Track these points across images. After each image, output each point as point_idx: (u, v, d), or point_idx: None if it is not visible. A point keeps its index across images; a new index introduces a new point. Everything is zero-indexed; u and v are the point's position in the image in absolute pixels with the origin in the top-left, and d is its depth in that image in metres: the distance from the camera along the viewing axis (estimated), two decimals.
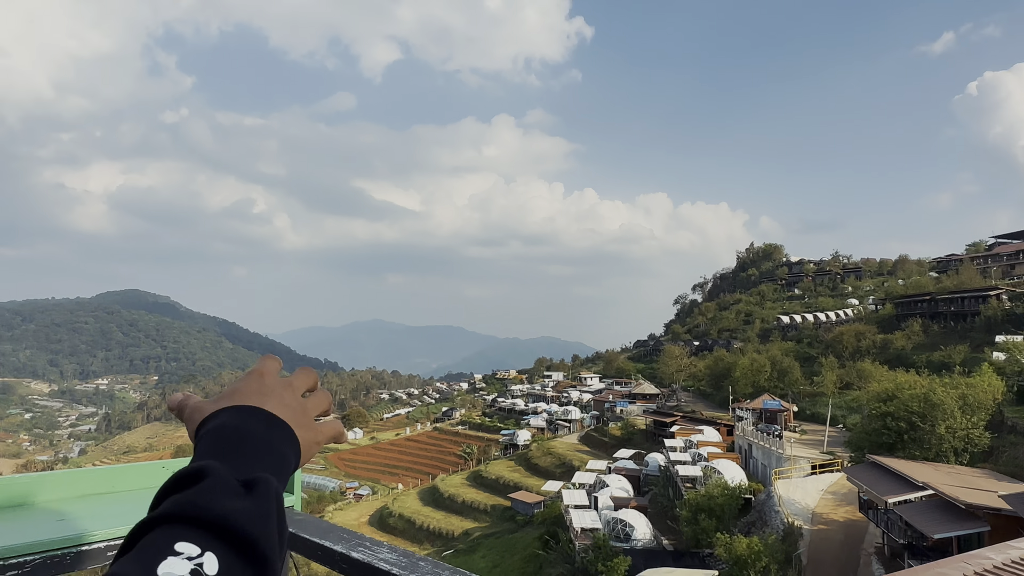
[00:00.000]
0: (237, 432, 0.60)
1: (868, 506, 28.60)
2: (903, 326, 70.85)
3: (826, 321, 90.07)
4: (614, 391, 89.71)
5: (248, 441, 0.60)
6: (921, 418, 33.25)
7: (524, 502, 52.33)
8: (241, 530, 0.55)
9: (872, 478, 27.48)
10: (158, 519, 0.56)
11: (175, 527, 0.55)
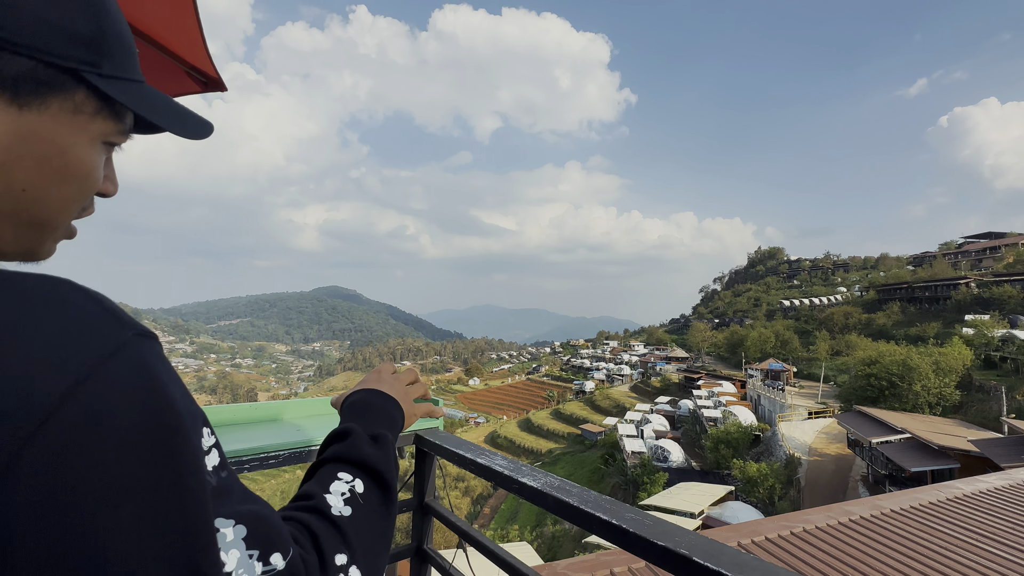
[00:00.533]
0: (365, 403, 0.71)
1: (855, 444, 25.96)
2: (884, 308, 63.37)
3: (819, 304, 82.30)
4: (654, 355, 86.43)
5: (371, 409, 0.70)
6: (900, 379, 29.67)
7: (590, 431, 51.65)
8: (374, 466, 0.59)
9: (858, 423, 24.88)
10: (326, 460, 0.60)
11: (337, 464, 0.59)
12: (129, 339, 0.32)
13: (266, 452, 1.48)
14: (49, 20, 0.35)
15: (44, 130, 0.37)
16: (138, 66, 0.43)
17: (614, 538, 0.96)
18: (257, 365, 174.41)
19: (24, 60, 0.35)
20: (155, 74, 1.60)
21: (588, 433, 51.94)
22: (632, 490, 30.56)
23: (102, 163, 0.42)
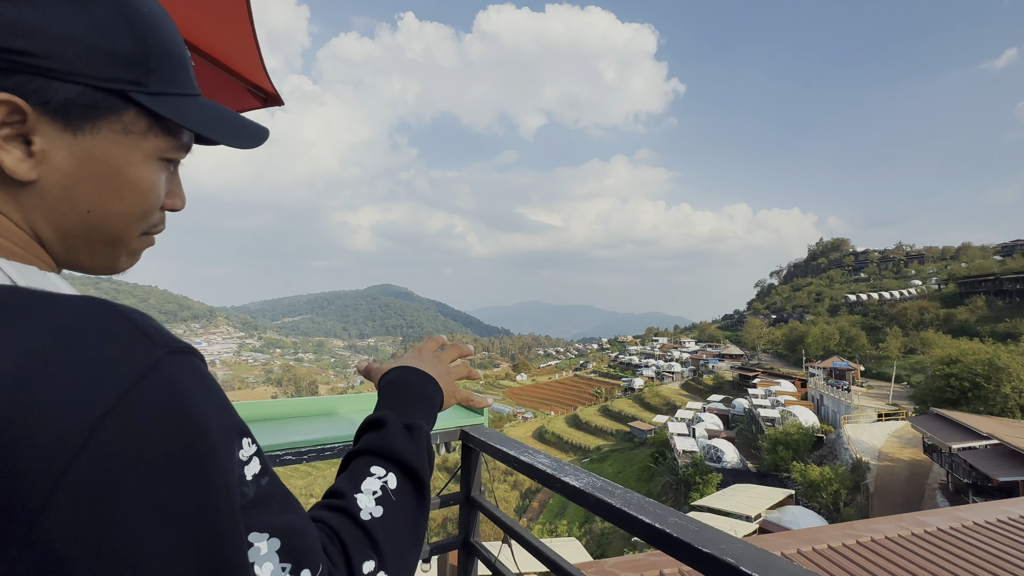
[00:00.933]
0: (403, 384, 0.67)
1: (932, 450, 23.84)
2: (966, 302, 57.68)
3: (890, 299, 75.94)
4: (706, 352, 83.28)
5: (408, 390, 0.66)
6: (985, 379, 26.82)
7: (640, 429, 50.59)
8: (408, 462, 0.57)
9: (936, 427, 22.83)
10: (359, 452, 0.59)
11: (370, 457, 0.57)
12: (160, 359, 0.33)
13: (322, 444, 1.57)
14: (93, 44, 0.36)
15: (98, 152, 0.38)
16: (191, 78, 0.44)
17: (658, 542, 0.94)
18: (317, 359, 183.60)
19: (72, 86, 0.36)
20: (218, 92, 1.72)
21: (637, 431, 50.89)
22: (684, 490, 29.65)
23: (161, 179, 0.43)
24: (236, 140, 0.45)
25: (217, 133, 0.44)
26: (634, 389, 72.19)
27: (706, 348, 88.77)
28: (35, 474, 0.27)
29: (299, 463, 1.55)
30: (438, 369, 0.73)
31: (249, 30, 1.31)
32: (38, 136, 0.36)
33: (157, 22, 0.41)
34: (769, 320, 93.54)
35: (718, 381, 61.66)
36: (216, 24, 1.40)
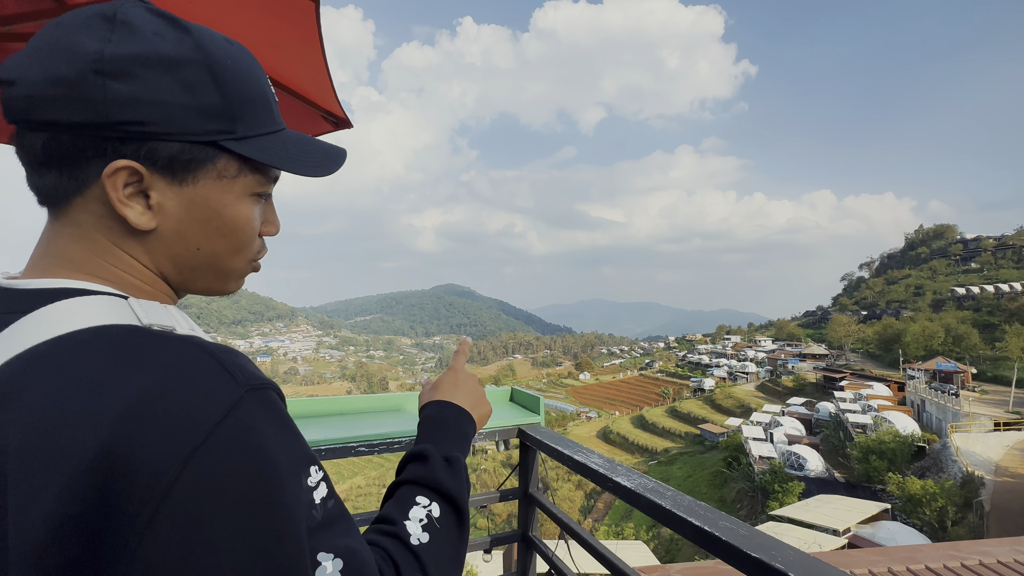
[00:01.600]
0: (440, 419, 0.74)
1: None
2: None
3: (1009, 291, 66.43)
4: (785, 351, 77.63)
5: (446, 425, 0.73)
6: None
7: (711, 432, 48.28)
8: (449, 492, 0.62)
9: None
10: (405, 481, 0.63)
11: (416, 487, 0.62)
12: (241, 397, 0.38)
13: (392, 438, 1.70)
14: (185, 104, 0.42)
15: (200, 198, 0.45)
16: (274, 114, 0.49)
17: (707, 545, 0.96)
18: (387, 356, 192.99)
19: (174, 144, 0.42)
20: (295, 119, 1.92)
21: (708, 433, 48.60)
22: (760, 498, 27.92)
23: (256, 212, 0.50)
24: (315, 169, 0.50)
25: (298, 166, 0.49)
26: (704, 390, 69.00)
27: (785, 347, 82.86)
28: (141, 496, 0.33)
29: (371, 454, 1.70)
30: (471, 397, 0.79)
31: (322, 63, 1.46)
32: (154, 191, 0.43)
33: (240, 70, 0.46)
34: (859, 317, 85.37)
35: (799, 383, 57.38)
36: (293, 59, 1.57)
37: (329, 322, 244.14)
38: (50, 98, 0.39)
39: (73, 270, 0.44)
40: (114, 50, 0.40)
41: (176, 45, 0.42)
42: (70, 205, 0.43)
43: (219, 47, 0.45)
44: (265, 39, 1.52)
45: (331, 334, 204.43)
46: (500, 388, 2.32)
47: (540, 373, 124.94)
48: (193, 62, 0.43)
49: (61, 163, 0.41)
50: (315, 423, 1.82)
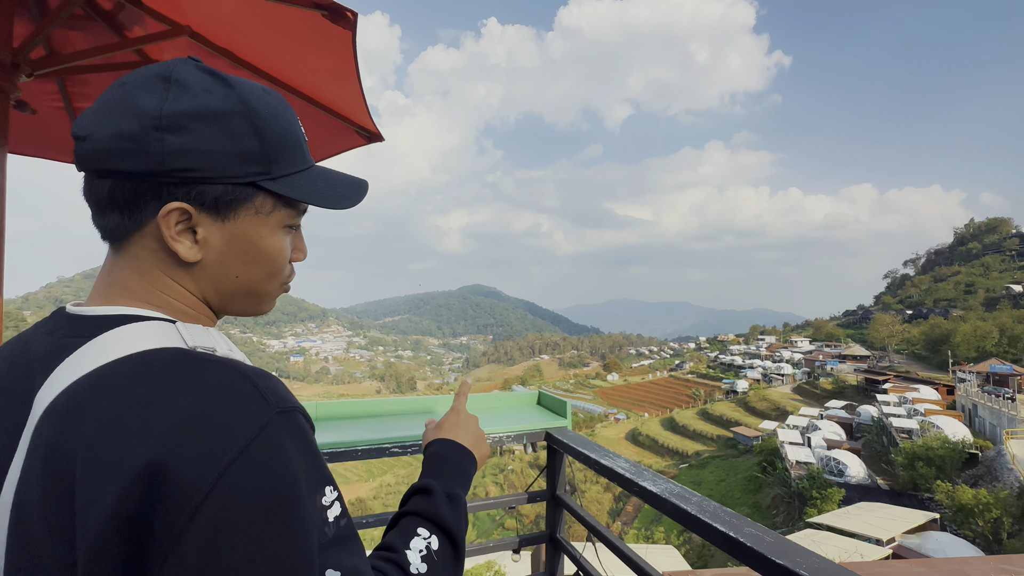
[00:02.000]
0: (444, 458, 0.77)
1: None
2: None
3: None
4: (824, 352, 74.79)
5: (449, 464, 0.76)
6: None
7: (744, 435, 46.99)
8: (449, 527, 0.65)
9: None
10: (409, 512, 0.67)
11: (418, 519, 0.65)
12: (271, 420, 0.43)
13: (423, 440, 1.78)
14: (229, 151, 0.49)
15: (239, 232, 0.52)
16: (304, 154, 0.56)
17: (732, 550, 0.98)
18: (415, 356, 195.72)
19: (219, 187, 0.50)
20: (332, 134, 2.02)
21: (741, 437, 47.34)
22: (798, 504, 27.03)
23: (287, 243, 0.58)
24: (339, 202, 0.57)
25: (325, 200, 0.56)
26: (737, 392, 67.24)
27: (823, 348, 79.88)
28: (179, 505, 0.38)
29: (404, 455, 1.78)
30: (472, 437, 0.84)
31: (356, 83, 1.54)
32: (200, 227, 0.50)
33: (276, 117, 0.53)
34: (903, 316, 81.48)
35: (839, 385, 55.22)
36: (330, 81, 1.67)
37: (359, 323, 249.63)
38: (116, 151, 0.47)
39: (131, 298, 0.51)
40: (170, 107, 0.47)
41: (222, 99, 0.49)
42: (129, 241, 0.50)
43: (258, 98, 0.52)
44: (306, 64, 1.62)
45: (361, 334, 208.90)
46: (528, 391, 2.37)
47: (567, 374, 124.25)
48: (236, 113, 0.49)
49: (123, 205, 0.49)
50: (351, 424, 1.91)
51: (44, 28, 1.33)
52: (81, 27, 1.70)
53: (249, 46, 1.65)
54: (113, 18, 1.68)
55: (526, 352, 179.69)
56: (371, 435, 1.75)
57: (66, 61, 1.50)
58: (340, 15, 1.21)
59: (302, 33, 1.41)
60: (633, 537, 30.85)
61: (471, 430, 0.86)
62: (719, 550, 4.48)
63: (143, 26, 1.69)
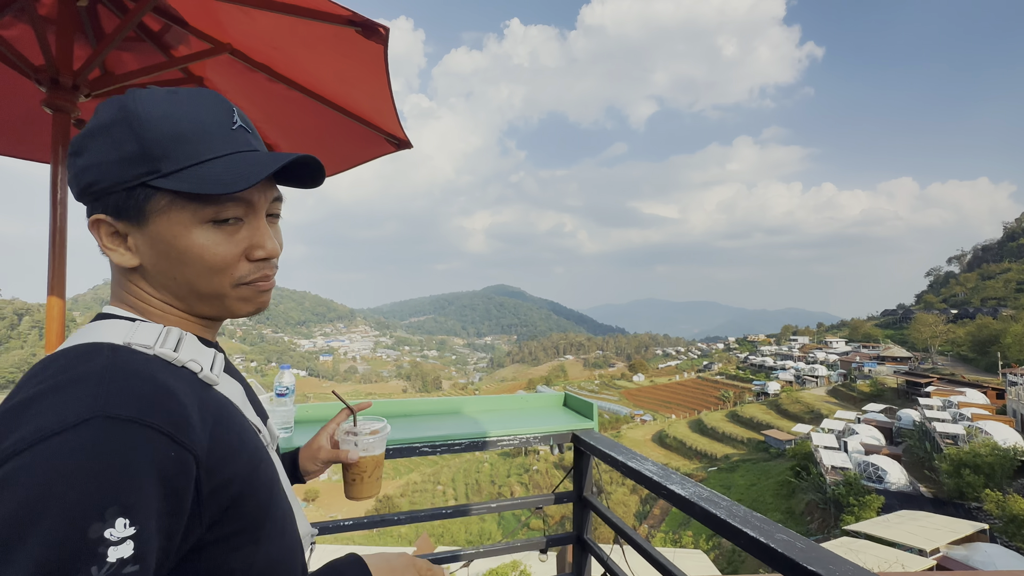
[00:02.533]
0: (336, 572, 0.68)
1: None
2: None
3: None
4: (861, 353, 71.88)
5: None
6: None
7: (776, 438, 45.64)
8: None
9: None
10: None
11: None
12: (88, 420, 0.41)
13: (452, 440, 1.82)
14: (115, 159, 0.51)
15: (156, 234, 0.53)
16: (214, 143, 0.53)
17: (762, 556, 0.98)
18: (440, 356, 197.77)
19: (117, 195, 0.51)
20: (362, 142, 2.09)
21: (773, 440, 46.01)
22: (833, 511, 26.11)
23: (217, 239, 0.54)
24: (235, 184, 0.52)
25: (215, 185, 0.51)
26: (768, 394, 65.38)
27: (860, 349, 76.83)
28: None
29: (434, 454, 1.82)
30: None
31: (387, 94, 1.59)
32: (129, 235, 0.53)
33: (165, 117, 0.51)
34: (947, 316, 77.64)
35: (877, 388, 53.07)
36: (361, 92, 1.73)
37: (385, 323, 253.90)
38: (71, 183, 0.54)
39: (116, 300, 0.57)
40: (82, 132, 0.53)
41: (107, 113, 0.52)
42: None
43: (144, 101, 0.52)
44: (340, 77, 1.68)
45: (387, 334, 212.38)
46: (554, 393, 2.39)
47: (592, 374, 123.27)
48: (117, 122, 0.51)
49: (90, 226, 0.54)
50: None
51: (101, 51, 1.43)
52: (132, 48, 1.81)
53: (286, 61, 1.72)
54: (160, 39, 1.78)
55: (550, 352, 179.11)
56: (401, 435, 1.81)
57: (120, 81, 1.60)
58: (373, 31, 1.26)
59: (336, 48, 1.47)
60: (660, 540, 30.38)
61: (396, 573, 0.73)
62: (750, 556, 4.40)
63: (188, 45, 1.79)
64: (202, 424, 0.48)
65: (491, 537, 29.45)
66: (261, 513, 0.53)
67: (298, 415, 1.91)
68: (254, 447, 0.55)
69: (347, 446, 0.89)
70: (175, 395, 0.46)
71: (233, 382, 0.60)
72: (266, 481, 0.55)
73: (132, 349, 0.49)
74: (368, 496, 0.93)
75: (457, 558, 1.89)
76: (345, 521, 1.76)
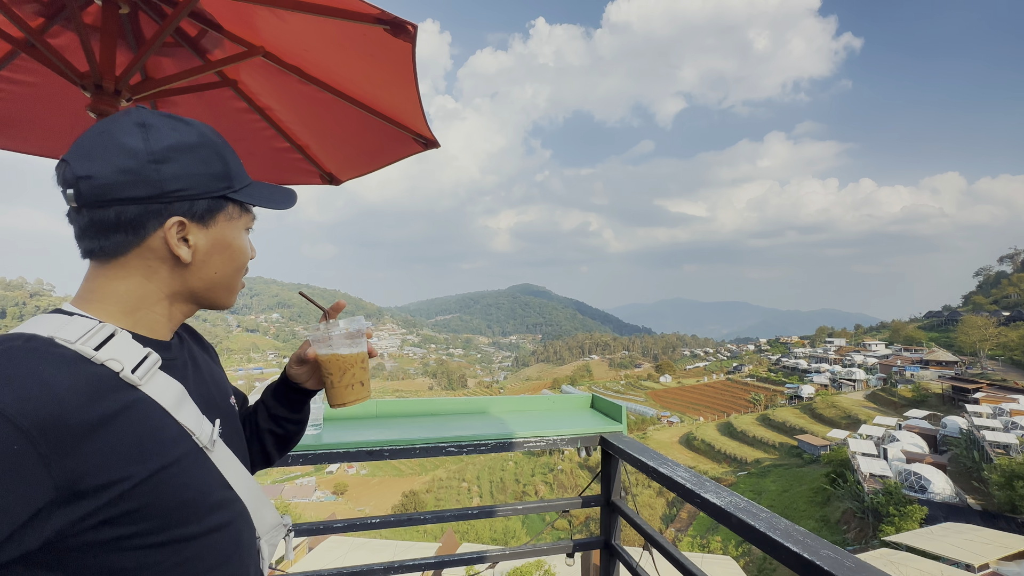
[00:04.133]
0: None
1: None
2: None
3: None
4: (902, 356, 68.61)
5: None
6: None
7: (810, 444, 44.07)
8: None
9: None
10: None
11: None
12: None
13: (479, 440, 1.80)
14: (204, 173, 0.65)
15: (218, 235, 0.68)
16: (245, 172, 0.72)
17: (805, 573, 0.92)
18: (465, 355, 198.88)
19: (202, 201, 0.65)
20: (390, 142, 2.09)
21: (807, 445, 44.44)
22: (872, 521, 25.03)
23: (248, 243, 0.73)
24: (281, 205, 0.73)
25: (273, 204, 0.72)
26: (802, 397, 63.14)
27: (901, 352, 73.33)
28: None
29: (460, 455, 1.81)
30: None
31: (415, 94, 1.59)
32: (191, 235, 0.65)
33: (226, 146, 0.69)
34: (999, 318, 73.23)
35: (920, 393, 50.57)
36: (389, 92, 1.73)
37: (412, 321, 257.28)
38: (121, 183, 0.59)
39: (82, 301, 0.63)
40: (155, 145, 0.61)
41: (189, 135, 0.65)
42: (127, 255, 0.62)
43: (212, 132, 0.69)
44: (368, 77, 1.68)
45: (414, 332, 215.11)
46: (581, 394, 2.34)
47: (618, 375, 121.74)
48: (202, 145, 0.65)
49: (128, 226, 0.61)
50: (411, 423, 1.97)
51: (141, 57, 1.47)
52: (169, 53, 1.86)
53: (316, 62, 1.74)
54: (197, 43, 1.82)
55: (575, 352, 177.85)
56: (428, 434, 1.80)
57: (159, 85, 1.64)
58: (402, 29, 1.25)
59: (365, 47, 1.47)
60: (687, 545, 29.78)
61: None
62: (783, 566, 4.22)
63: (223, 49, 1.83)
64: (80, 424, 0.50)
65: (515, 535, 29.47)
66: (168, 517, 0.56)
67: (327, 413, 1.94)
68: (165, 452, 0.58)
69: (314, 344, 0.84)
70: (50, 389, 0.50)
71: (170, 381, 0.63)
72: (180, 485, 0.58)
73: (53, 341, 0.54)
74: (345, 402, 0.85)
75: (483, 559, 1.88)
76: (373, 519, 1.77)
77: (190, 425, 0.62)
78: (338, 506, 45.67)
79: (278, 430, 0.90)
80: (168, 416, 0.60)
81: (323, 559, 12.82)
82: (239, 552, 0.65)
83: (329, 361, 0.84)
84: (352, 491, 52.10)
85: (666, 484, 1.41)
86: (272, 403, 0.89)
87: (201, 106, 2.20)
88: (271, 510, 0.73)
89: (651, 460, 1.55)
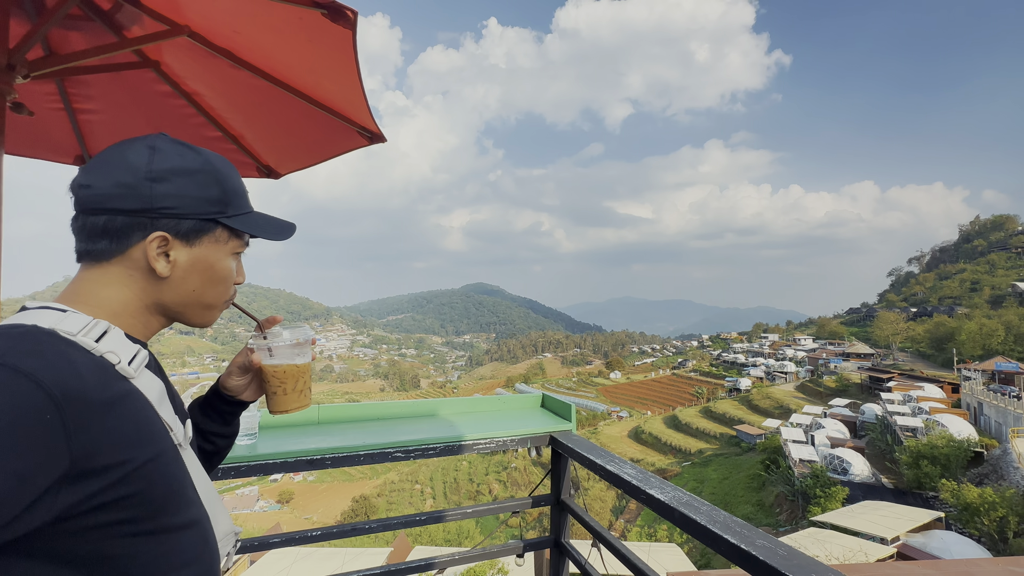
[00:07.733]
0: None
1: None
2: None
3: None
4: (827, 350, 74.40)
5: None
6: None
7: (747, 433, 46.87)
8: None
9: None
10: None
11: None
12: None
13: (427, 444, 1.75)
14: (199, 196, 0.68)
15: (201, 255, 0.70)
16: (248, 202, 0.76)
17: (742, 564, 0.95)
18: (418, 355, 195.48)
19: (190, 221, 0.67)
20: (332, 134, 1.99)
21: (744, 435, 47.23)
22: (801, 503, 26.94)
23: (234, 267, 0.75)
24: (277, 236, 0.76)
25: (267, 233, 0.75)
26: (740, 390, 67.05)
27: (826, 346, 79.50)
28: None
29: (407, 460, 1.75)
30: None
31: (358, 84, 1.51)
32: (173, 251, 0.67)
33: (230, 175, 0.73)
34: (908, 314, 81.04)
35: (842, 383, 55.02)
36: (331, 81, 1.64)
37: (363, 321, 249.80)
38: (116, 195, 0.63)
39: (72, 299, 0.64)
40: (156, 165, 0.65)
41: (193, 161, 0.68)
42: (111, 262, 0.65)
43: (219, 161, 0.72)
44: (306, 64, 1.59)
45: (364, 333, 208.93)
46: (532, 393, 2.34)
47: (570, 372, 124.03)
48: (203, 171, 0.68)
49: (114, 234, 0.64)
50: (355, 428, 1.89)
51: (40, 28, 1.31)
52: (79, 27, 1.68)
53: (249, 46, 1.62)
54: (111, 18, 1.65)
55: (529, 350, 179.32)
56: (375, 440, 1.73)
57: (64, 62, 1.47)
58: (340, 14, 1.18)
59: (302, 32, 1.38)
60: (636, 535, 30.80)
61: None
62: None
63: (142, 26, 1.66)
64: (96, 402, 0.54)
65: (469, 535, 29.33)
66: (156, 506, 0.58)
67: (263, 421, 1.82)
68: (155, 442, 0.60)
69: (260, 353, 0.85)
70: (74, 365, 0.54)
71: (154, 379, 0.66)
72: (165, 476, 0.60)
73: (56, 333, 0.56)
74: (287, 410, 0.86)
75: (431, 566, 1.83)
76: (314, 531, 1.68)
77: (169, 422, 0.65)
78: (283, 515, 43.64)
79: (207, 446, 0.86)
80: (154, 410, 0.63)
81: (266, 573, 12.19)
82: (207, 551, 0.67)
83: (275, 371, 0.85)
84: (298, 498, 49.92)
85: (613, 482, 1.42)
86: (201, 419, 0.85)
87: (119, 87, 2.00)
88: (226, 517, 0.74)
89: (599, 458, 1.56)
